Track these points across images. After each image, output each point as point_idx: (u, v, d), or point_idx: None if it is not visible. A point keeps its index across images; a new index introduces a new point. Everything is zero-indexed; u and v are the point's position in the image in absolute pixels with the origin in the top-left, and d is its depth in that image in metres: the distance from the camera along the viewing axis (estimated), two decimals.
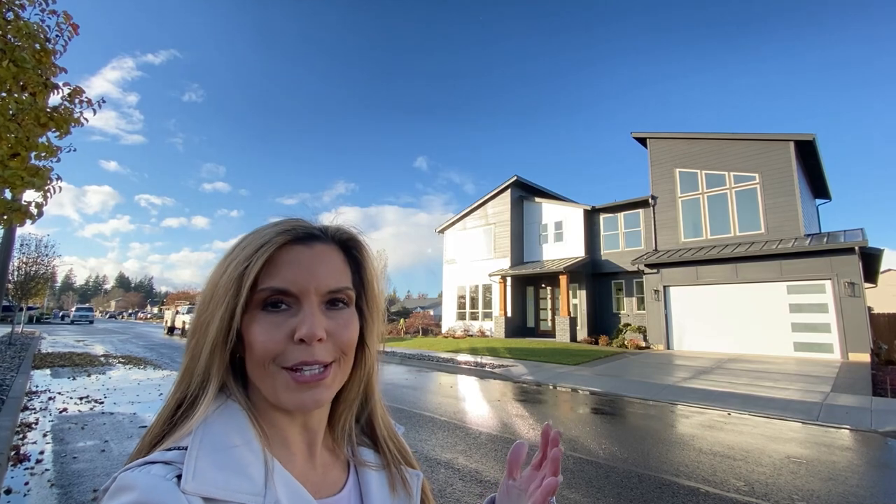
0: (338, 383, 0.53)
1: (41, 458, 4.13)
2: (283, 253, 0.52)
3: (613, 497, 3.55)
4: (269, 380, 0.49)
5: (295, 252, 0.52)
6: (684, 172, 16.57)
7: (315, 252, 0.53)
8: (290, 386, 0.49)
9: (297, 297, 0.50)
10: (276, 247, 0.51)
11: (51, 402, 6.54)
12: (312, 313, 0.50)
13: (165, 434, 0.48)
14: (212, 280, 0.52)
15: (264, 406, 0.52)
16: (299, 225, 0.54)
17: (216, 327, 0.49)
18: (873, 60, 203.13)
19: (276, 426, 0.52)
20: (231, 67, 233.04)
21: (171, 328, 26.50)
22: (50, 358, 12.01)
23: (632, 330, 16.59)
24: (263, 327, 0.49)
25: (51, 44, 3.71)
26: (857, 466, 4.49)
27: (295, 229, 0.53)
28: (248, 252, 0.50)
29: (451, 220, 23.91)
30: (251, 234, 0.53)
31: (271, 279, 0.50)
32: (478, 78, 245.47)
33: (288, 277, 0.50)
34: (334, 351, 0.51)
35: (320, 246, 0.54)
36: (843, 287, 12.09)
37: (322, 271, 0.52)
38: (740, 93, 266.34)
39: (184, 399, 0.50)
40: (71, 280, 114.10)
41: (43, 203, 3.85)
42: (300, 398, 0.49)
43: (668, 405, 7.35)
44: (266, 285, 0.50)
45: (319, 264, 0.52)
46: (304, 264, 0.51)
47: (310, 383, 0.49)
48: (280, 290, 0.50)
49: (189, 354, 0.52)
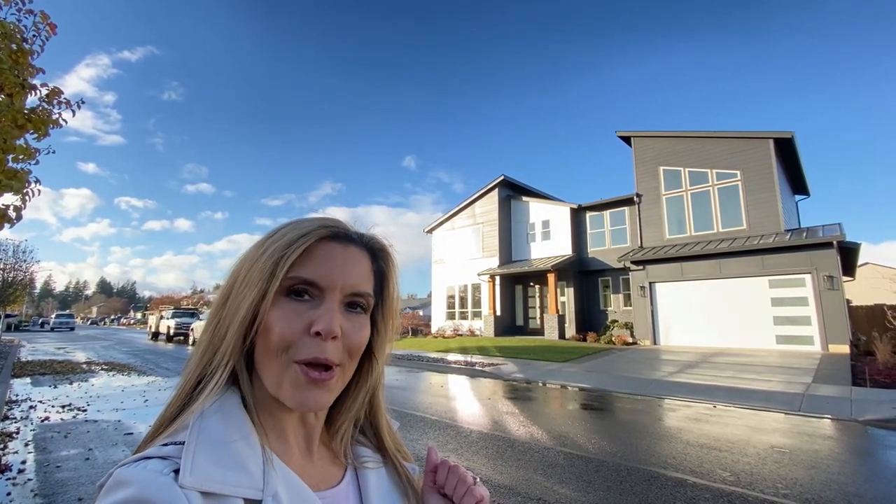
0: (338, 388, 0.53)
1: (23, 468, 4.03)
2: (320, 247, 0.53)
3: (603, 490, 3.60)
4: (276, 371, 0.49)
5: (331, 248, 0.54)
6: (668, 170, 16.83)
7: (349, 253, 0.55)
8: (299, 382, 0.49)
9: (323, 290, 0.51)
10: (316, 239, 0.53)
11: (32, 411, 6.38)
12: (333, 309, 0.51)
13: (171, 423, 0.48)
14: (245, 263, 0.53)
15: (265, 397, 0.52)
16: (340, 224, 0.56)
17: (247, 307, 0.50)
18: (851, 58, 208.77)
19: (274, 418, 0.52)
20: (212, 65, 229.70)
21: (155, 333, 25.99)
22: (30, 366, 11.71)
23: (619, 326, 16.78)
24: (284, 313, 0.50)
25: (28, 44, 3.62)
26: (838, 454, 4.61)
27: (336, 227, 0.55)
28: (289, 239, 0.52)
29: (440, 219, 23.93)
30: (290, 224, 0.55)
31: (303, 269, 0.51)
32: (466, 76, 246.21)
33: (320, 270, 0.52)
34: (342, 353, 0.52)
35: (355, 248, 0.56)
36: (823, 280, 12.40)
37: (352, 272, 0.53)
38: (722, 91, 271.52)
39: (202, 377, 0.50)
40: (50, 286, 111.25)
41: (21, 207, 3.75)
42: (304, 396, 0.49)
43: (655, 399, 7.46)
44: (296, 273, 0.51)
45: (351, 265, 0.54)
46: (337, 261, 0.53)
47: (317, 382, 0.49)
48: (309, 280, 0.51)
49: (210, 333, 0.52)
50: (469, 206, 22.49)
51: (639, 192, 17.44)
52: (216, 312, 0.53)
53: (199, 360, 0.51)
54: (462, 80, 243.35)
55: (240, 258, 0.55)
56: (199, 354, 0.52)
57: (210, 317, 0.54)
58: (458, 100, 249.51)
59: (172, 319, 23.27)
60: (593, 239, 19.02)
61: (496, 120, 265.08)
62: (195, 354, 0.52)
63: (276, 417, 0.52)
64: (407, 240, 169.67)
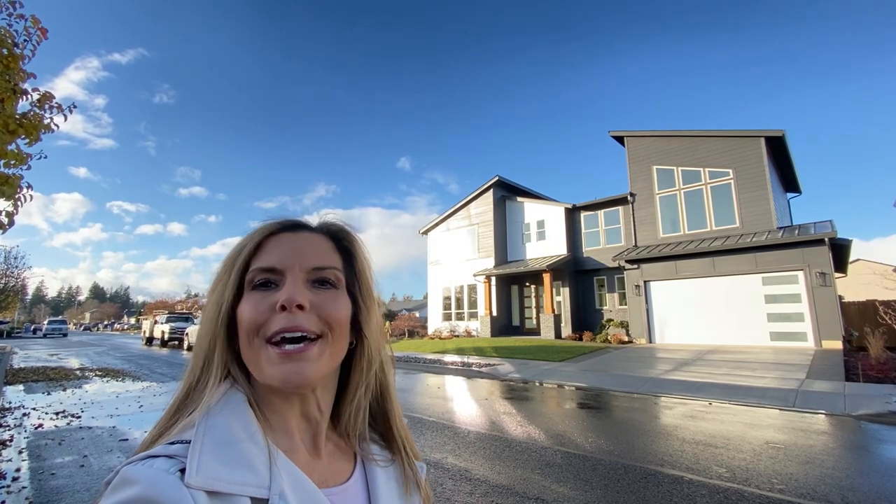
0: (325, 361, 0.52)
1: (17, 476, 3.98)
2: (272, 239, 0.56)
3: (601, 489, 3.62)
4: (254, 355, 0.50)
5: (282, 238, 0.57)
6: (661, 169, 16.93)
7: (301, 237, 0.57)
8: (273, 359, 0.49)
9: (283, 272, 0.53)
10: (265, 234, 0.56)
11: (25, 419, 6.32)
12: (294, 283, 0.52)
13: (172, 424, 0.49)
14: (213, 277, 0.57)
15: (264, 391, 0.52)
16: (287, 217, 0.60)
17: (213, 312, 0.53)
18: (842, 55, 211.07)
19: (277, 412, 0.52)
20: (204, 67, 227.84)
21: (149, 338, 25.81)
22: (23, 373, 11.57)
23: (615, 325, 16.85)
24: (251, 303, 0.52)
25: (19, 49, 3.60)
26: (832, 449, 4.66)
27: (284, 220, 0.59)
28: (241, 243, 0.57)
29: (435, 221, 23.93)
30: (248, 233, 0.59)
31: (259, 261, 0.54)
32: (460, 77, 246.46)
33: (275, 256, 0.54)
34: (320, 324, 0.52)
35: (306, 233, 0.58)
36: (815, 277, 12.52)
37: (307, 250, 0.56)
38: (714, 90, 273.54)
39: (192, 387, 0.52)
40: (42, 292, 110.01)
41: (14, 212, 3.73)
42: (283, 371, 0.49)
43: (651, 397, 7.50)
44: (254, 266, 0.54)
45: (305, 245, 0.56)
46: (289, 245, 0.56)
47: (292, 355, 0.49)
48: (266, 268, 0.54)
49: (197, 343, 0.55)
50: (464, 207, 22.51)
51: (632, 192, 17.53)
52: (200, 325, 0.56)
53: (189, 375, 0.54)
54: (456, 81, 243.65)
55: None
56: (189, 370, 0.54)
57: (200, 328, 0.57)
58: (453, 100, 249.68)
59: (167, 324, 23.11)
60: (588, 238, 19.10)
61: (491, 121, 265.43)
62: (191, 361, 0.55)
63: (279, 413, 0.53)
64: (402, 241, 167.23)
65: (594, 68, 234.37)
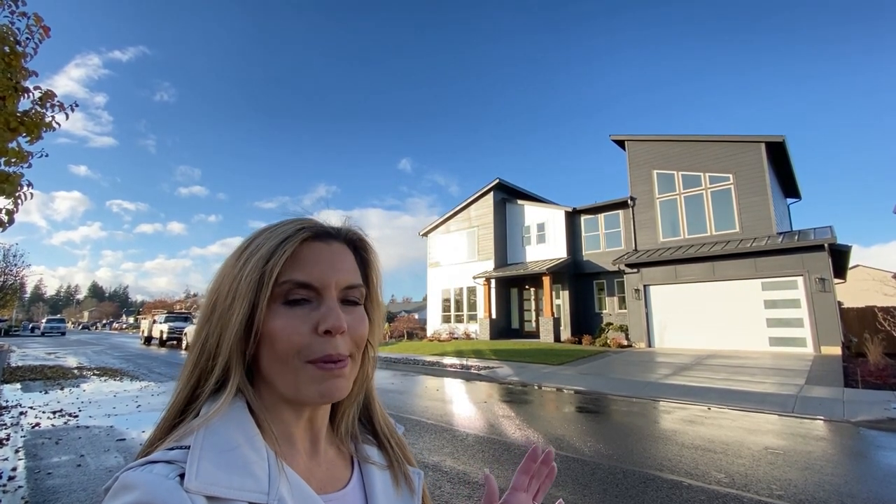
0: (352, 376, 0.54)
1: (14, 475, 3.97)
2: (305, 249, 0.53)
3: (599, 493, 3.60)
4: (290, 375, 0.49)
5: (316, 248, 0.53)
6: (662, 174, 16.96)
7: (333, 249, 0.55)
8: (316, 377, 0.49)
9: (319, 291, 0.51)
10: (299, 242, 0.52)
11: (22, 417, 6.30)
12: (336, 307, 0.51)
13: (171, 429, 0.48)
14: (226, 275, 0.52)
15: (272, 401, 0.52)
16: (317, 223, 0.56)
17: (238, 321, 0.49)
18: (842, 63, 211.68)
19: (282, 422, 0.52)
20: (205, 65, 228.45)
21: (148, 338, 25.79)
22: (20, 371, 11.55)
23: (614, 329, 16.84)
24: (287, 321, 0.50)
25: (21, 46, 3.61)
26: (831, 455, 4.65)
27: (314, 226, 0.55)
28: (270, 246, 0.51)
29: (435, 223, 23.95)
30: (268, 230, 0.54)
31: (294, 273, 0.51)
32: (462, 79, 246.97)
33: (312, 272, 0.51)
34: (351, 345, 0.53)
35: (337, 244, 0.56)
36: (815, 283, 12.52)
37: (341, 267, 0.54)
38: (716, 95, 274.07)
39: (192, 391, 0.50)
40: (41, 290, 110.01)
41: (14, 210, 3.72)
42: (324, 387, 0.49)
43: (650, 402, 7.49)
44: (288, 277, 0.50)
45: (339, 261, 0.54)
46: (325, 260, 0.53)
47: (334, 372, 0.50)
48: (303, 283, 0.51)
49: (199, 343, 0.52)
50: (464, 209, 22.53)
51: (633, 196, 17.55)
52: (201, 329, 0.52)
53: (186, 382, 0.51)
54: (458, 84, 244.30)
55: (218, 272, 0.54)
56: (185, 377, 0.51)
57: (195, 335, 0.53)
58: (455, 103, 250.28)
59: (165, 324, 23.10)
60: (588, 242, 19.11)
61: (492, 123, 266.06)
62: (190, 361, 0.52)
63: (283, 421, 0.52)
64: (402, 243, 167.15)
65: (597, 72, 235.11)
